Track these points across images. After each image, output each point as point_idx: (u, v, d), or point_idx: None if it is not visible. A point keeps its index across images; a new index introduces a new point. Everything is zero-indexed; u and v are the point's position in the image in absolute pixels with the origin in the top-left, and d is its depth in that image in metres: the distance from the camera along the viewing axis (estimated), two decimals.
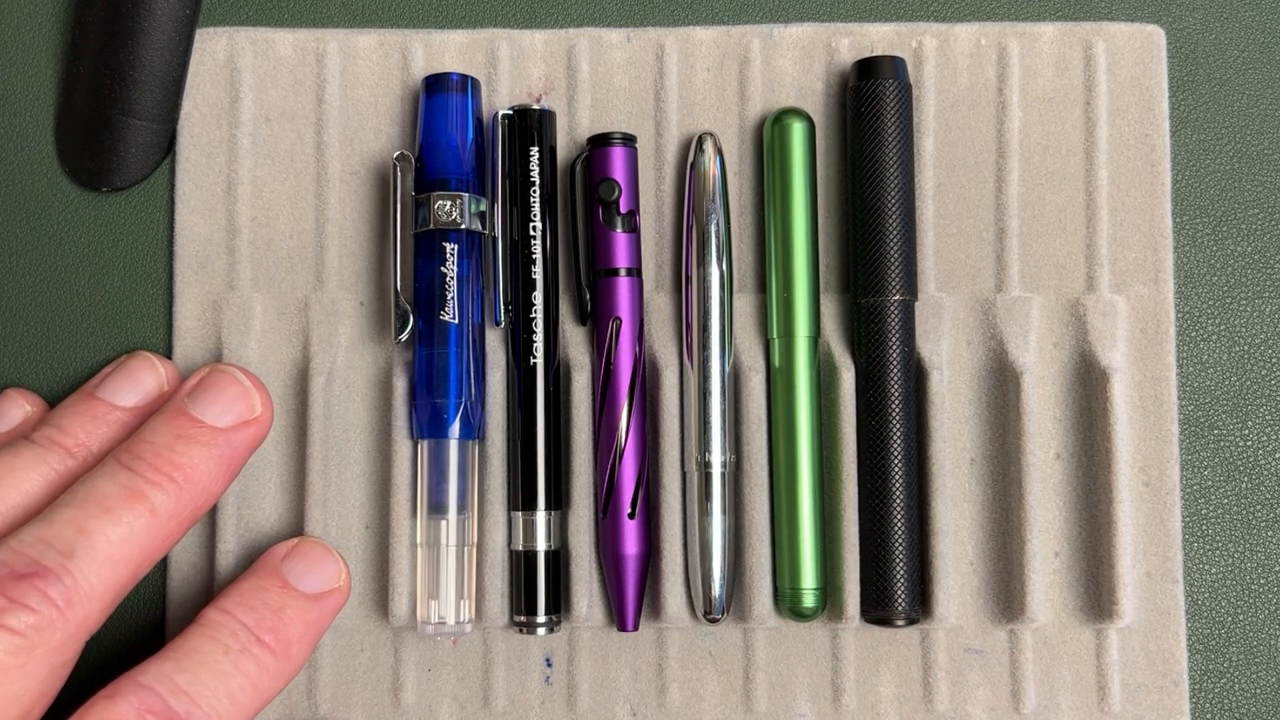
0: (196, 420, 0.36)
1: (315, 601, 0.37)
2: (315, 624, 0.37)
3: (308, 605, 0.36)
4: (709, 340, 0.40)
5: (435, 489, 0.39)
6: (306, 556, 0.38)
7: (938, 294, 0.41)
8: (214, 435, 0.36)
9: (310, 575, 0.37)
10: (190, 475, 0.35)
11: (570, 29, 0.42)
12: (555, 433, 0.39)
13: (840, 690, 0.40)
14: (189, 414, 0.36)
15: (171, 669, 0.33)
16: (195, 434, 0.36)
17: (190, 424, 0.36)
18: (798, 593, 0.39)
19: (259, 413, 0.38)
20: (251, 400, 0.37)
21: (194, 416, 0.36)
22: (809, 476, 0.39)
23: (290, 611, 0.36)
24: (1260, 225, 0.42)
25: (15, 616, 0.31)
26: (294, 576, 0.37)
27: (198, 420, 0.36)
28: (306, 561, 0.37)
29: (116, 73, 0.40)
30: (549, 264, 0.40)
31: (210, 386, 0.37)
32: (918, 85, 0.41)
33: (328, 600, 0.37)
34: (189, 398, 0.37)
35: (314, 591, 0.37)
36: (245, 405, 0.37)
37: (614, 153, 0.40)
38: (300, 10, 0.43)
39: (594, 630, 0.40)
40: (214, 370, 0.38)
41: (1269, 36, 0.43)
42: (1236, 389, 0.41)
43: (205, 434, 0.36)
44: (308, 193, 0.42)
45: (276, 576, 0.37)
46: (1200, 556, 0.41)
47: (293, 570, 0.37)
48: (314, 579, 0.37)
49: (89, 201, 0.42)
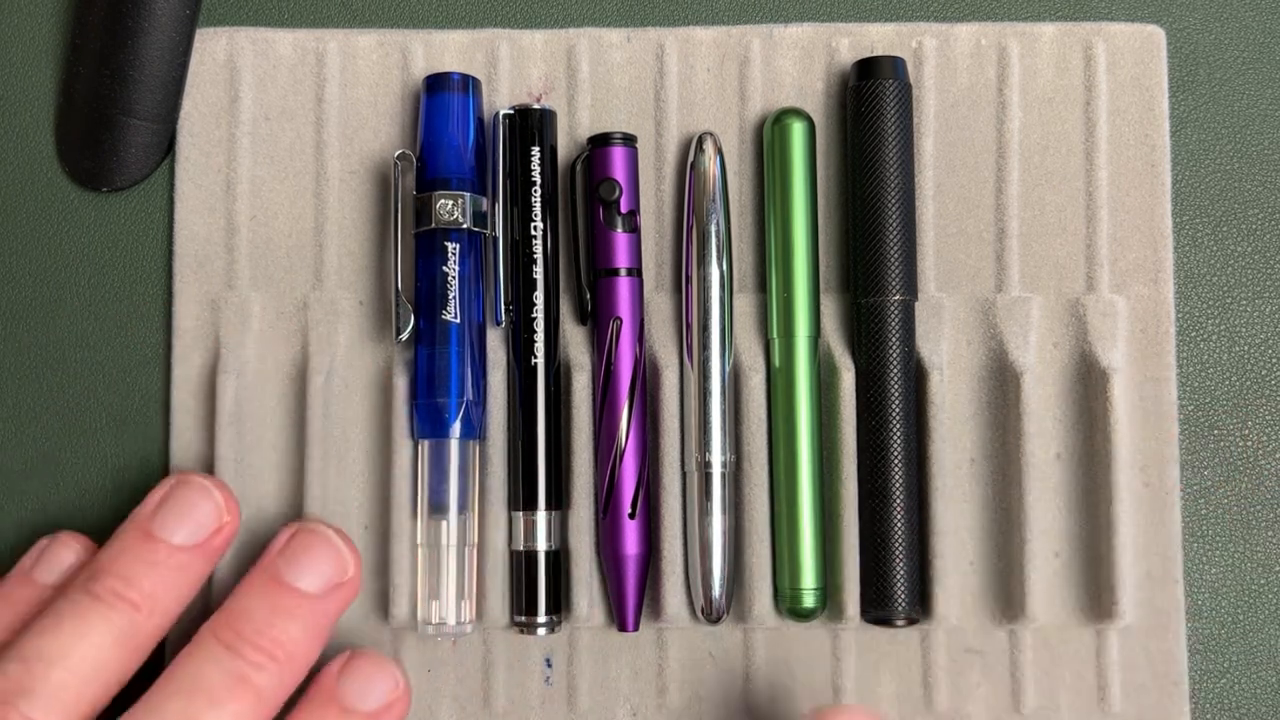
0: (293, 589, 0.35)
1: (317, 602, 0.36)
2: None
3: (310, 607, 0.36)
4: (709, 340, 0.40)
5: (436, 489, 0.39)
6: (363, 675, 0.36)
7: (938, 294, 0.41)
8: (311, 605, 0.35)
9: (369, 692, 0.36)
10: (291, 651, 0.34)
11: (570, 29, 0.42)
12: (556, 433, 0.39)
13: (840, 690, 0.40)
14: (285, 582, 0.35)
15: None
16: (293, 607, 0.35)
17: (287, 595, 0.35)
18: (798, 593, 0.39)
19: (351, 574, 0.37)
20: (344, 561, 0.37)
21: (290, 585, 0.35)
22: (809, 476, 0.39)
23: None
24: (1260, 225, 0.42)
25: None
26: (354, 697, 0.36)
27: (294, 589, 0.35)
28: (362, 679, 0.36)
29: (116, 73, 0.40)
30: (549, 264, 0.40)
31: (303, 550, 0.36)
32: (918, 85, 0.41)
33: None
34: (282, 562, 0.36)
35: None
36: (338, 567, 0.36)
37: (614, 153, 0.40)
38: (300, 10, 0.43)
39: (594, 630, 0.40)
40: (304, 530, 0.37)
41: (1269, 36, 0.43)
42: (1236, 389, 0.41)
43: (303, 606, 0.35)
44: (307, 192, 0.42)
45: (334, 703, 0.36)
46: (1200, 556, 0.41)
47: (350, 690, 0.36)
48: (373, 695, 0.36)
49: (89, 201, 0.42)
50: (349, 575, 0.37)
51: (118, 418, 0.41)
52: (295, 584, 0.35)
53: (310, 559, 0.36)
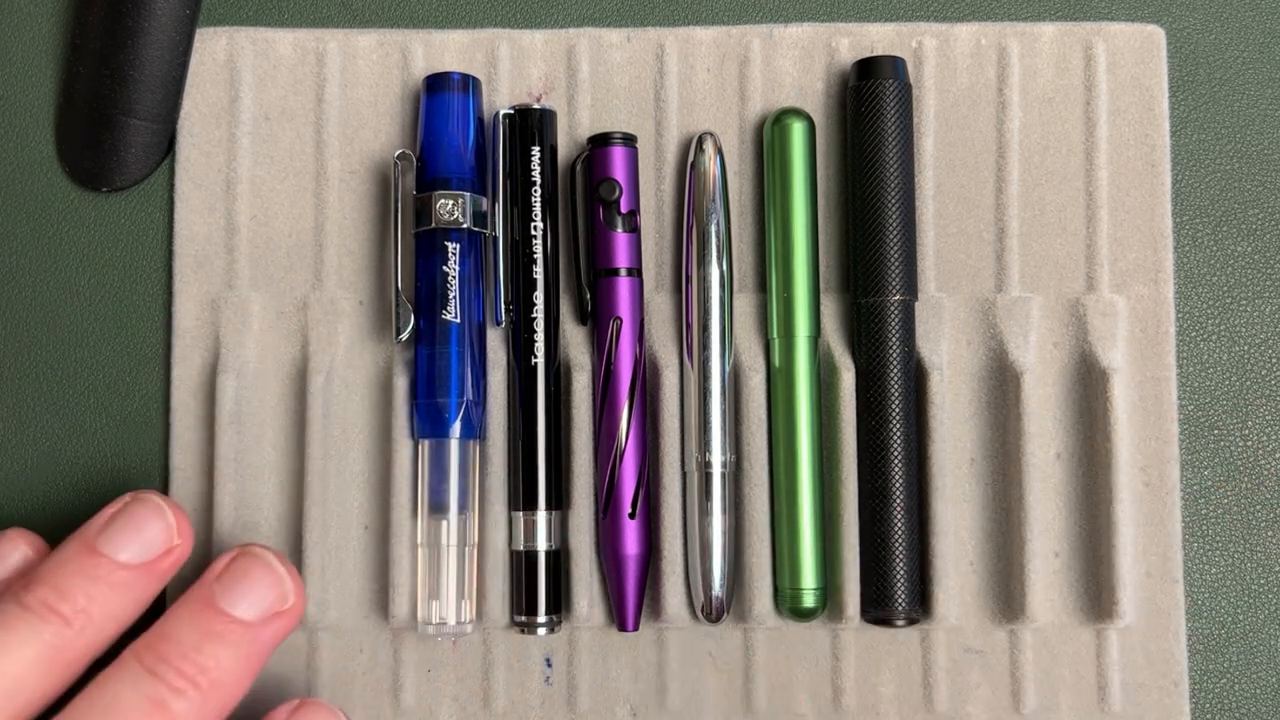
0: (225, 615, 0.34)
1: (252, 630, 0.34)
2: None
3: (243, 635, 0.34)
4: (709, 340, 0.40)
5: (436, 489, 0.39)
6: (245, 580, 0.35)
7: (938, 294, 0.41)
8: (243, 632, 0.34)
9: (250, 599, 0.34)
10: (216, 679, 0.33)
11: (570, 29, 0.42)
12: (556, 433, 0.39)
13: (840, 690, 0.40)
14: (217, 607, 0.34)
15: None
16: (224, 631, 0.33)
17: (219, 619, 0.33)
18: (798, 593, 0.39)
19: (291, 602, 0.35)
20: (284, 589, 0.35)
21: (223, 610, 0.34)
22: (809, 476, 0.39)
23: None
24: (1260, 225, 0.42)
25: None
26: (231, 601, 0.34)
27: (227, 615, 0.34)
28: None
29: (116, 73, 0.40)
30: (550, 264, 0.40)
31: (241, 575, 0.34)
32: (918, 85, 0.41)
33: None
34: (218, 586, 0.34)
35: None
36: (277, 594, 0.35)
37: (614, 153, 0.40)
38: (300, 10, 0.43)
39: (594, 630, 0.40)
40: (244, 554, 0.35)
41: (1269, 36, 0.43)
42: (1236, 389, 0.41)
43: (235, 631, 0.33)
44: (307, 192, 0.42)
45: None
46: (1200, 556, 0.41)
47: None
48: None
49: (89, 201, 0.42)
50: (289, 604, 0.35)
51: (118, 418, 0.41)
52: (230, 610, 0.34)
53: (249, 584, 0.34)
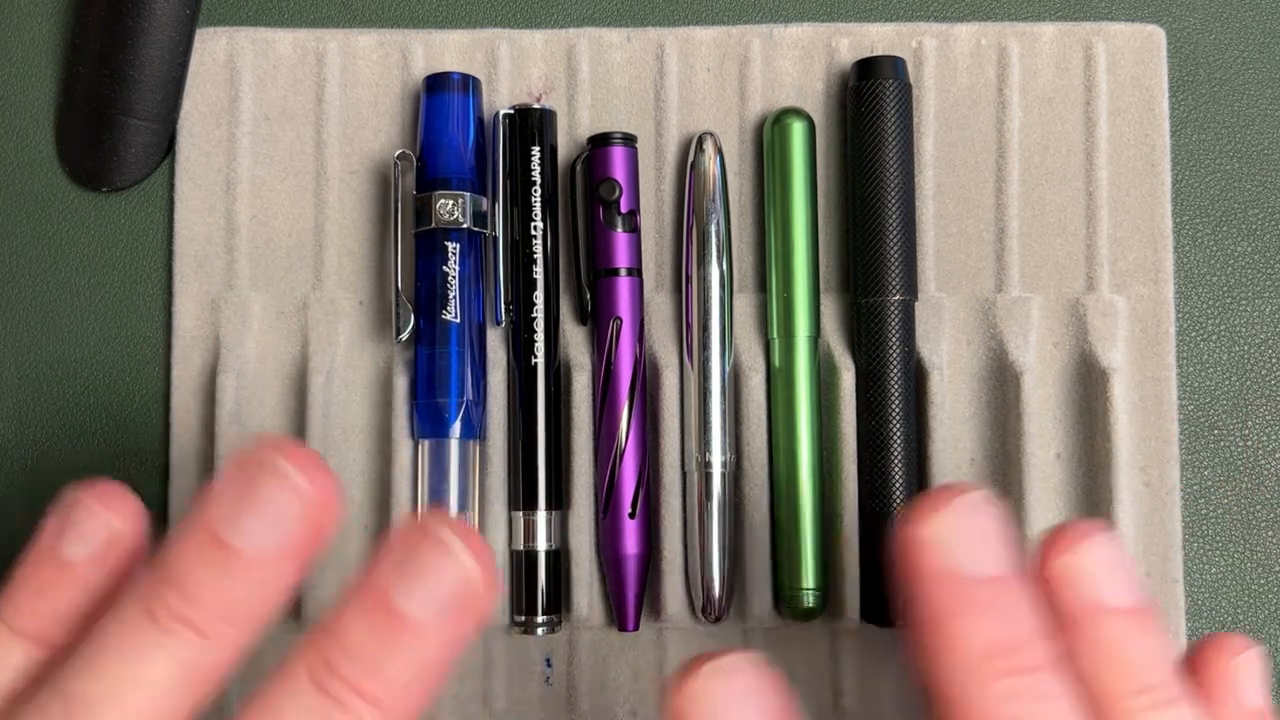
0: (405, 617, 0.26)
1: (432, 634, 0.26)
2: (434, 661, 0.26)
3: (423, 641, 0.25)
4: (709, 340, 0.40)
5: (436, 489, 0.39)
6: (416, 562, 0.26)
7: (938, 294, 0.41)
8: (428, 636, 0.26)
9: (424, 591, 0.26)
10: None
11: (570, 29, 0.42)
12: (556, 433, 0.39)
13: (840, 690, 0.40)
14: (394, 608, 0.26)
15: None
16: (405, 637, 0.26)
17: (398, 622, 0.26)
18: (798, 593, 0.39)
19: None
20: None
21: (401, 611, 0.26)
22: (809, 476, 0.39)
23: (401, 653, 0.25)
24: (1260, 225, 0.42)
25: None
26: (405, 598, 0.26)
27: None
28: (414, 569, 0.26)
29: (116, 73, 0.40)
30: (549, 264, 0.40)
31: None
32: (918, 85, 0.41)
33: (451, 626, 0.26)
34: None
35: (432, 619, 0.26)
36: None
37: (614, 153, 0.40)
38: (300, 10, 0.43)
39: (594, 630, 0.40)
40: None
41: (1269, 36, 0.43)
42: (1236, 389, 0.41)
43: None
44: (307, 192, 0.42)
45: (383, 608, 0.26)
46: (1200, 556, 0.41)
47: (403, 590, 0.26)
48: (429, 596, 0.26)
49: (89, 201, 0.42)
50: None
51: (118, 418, 0.41)
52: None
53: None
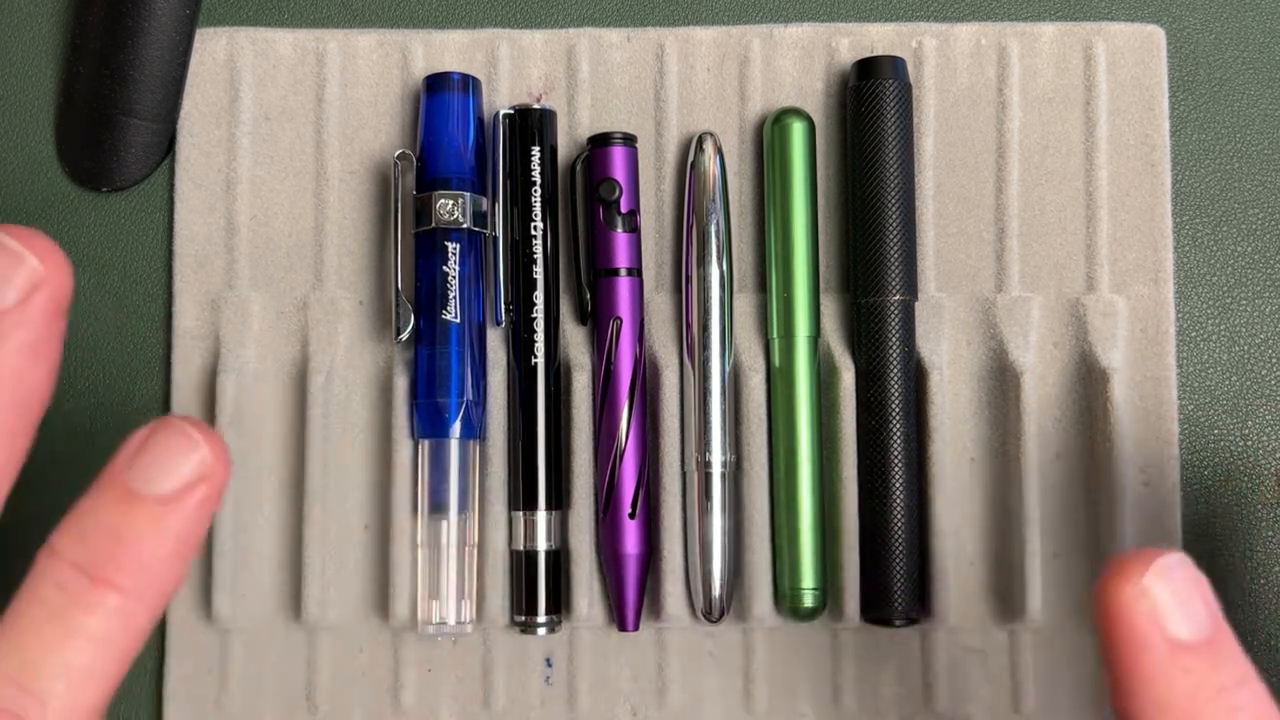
0: (140, 495, 0.28)
1: (170, 505, 0.28)
2: (176, 533, 0.28)
3: (159, 515, 0.28)
4: (709, 340, 0.40)
5: (436, 489, 0.39)
6: (153, 450, 0.28)
7: (938, 294, 0.41)
8: (165, 510, 0.28)
9: (160, 473, 0.28)
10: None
11: (570, 29, 0.42)
12: (556, 433, 0.39)
13: (840, 690, 0.40)
14: (130, 488, 0.28)
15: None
16: (143, 514, 0.28)
17: (135, 502, 0.28)
18: (798, 593, 0.39)
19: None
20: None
21: (136, 490, 0.28)
22: (809, 476, 0.39)
23: (136, 528, 0.28)
24: (1260, 225, 0.42)
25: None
26: (141, 480, 0.28)
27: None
28: (154, 456, 0.28)
29: (116, 73, 0.40)
30: (549, 264, 0.40)
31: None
32: (918, 85, 0.41)
33: (187, 500, 0.28)
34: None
35: (166, 493, 0.28)
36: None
37: (614, 153, 0.40)
38: (300, 10, 0.43)
39: (594, 630, 0.40)
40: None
41: (1269, 36, 0.43)
42: (1236, 389, 0.41)
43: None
44: (307, 192, 0.42)
45: (116, 487, 0.28)
46: (1200, 556, 0.41)
47: (138, 473, 0.28)
48: (166, 477, 0.28)
49: (89, 201, 0.42)
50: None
51: (118, 418, 0.41)
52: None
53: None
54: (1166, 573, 0.28)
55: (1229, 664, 0.28)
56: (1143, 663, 0.28)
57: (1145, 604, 0.28)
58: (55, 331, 0.29)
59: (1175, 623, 0.28)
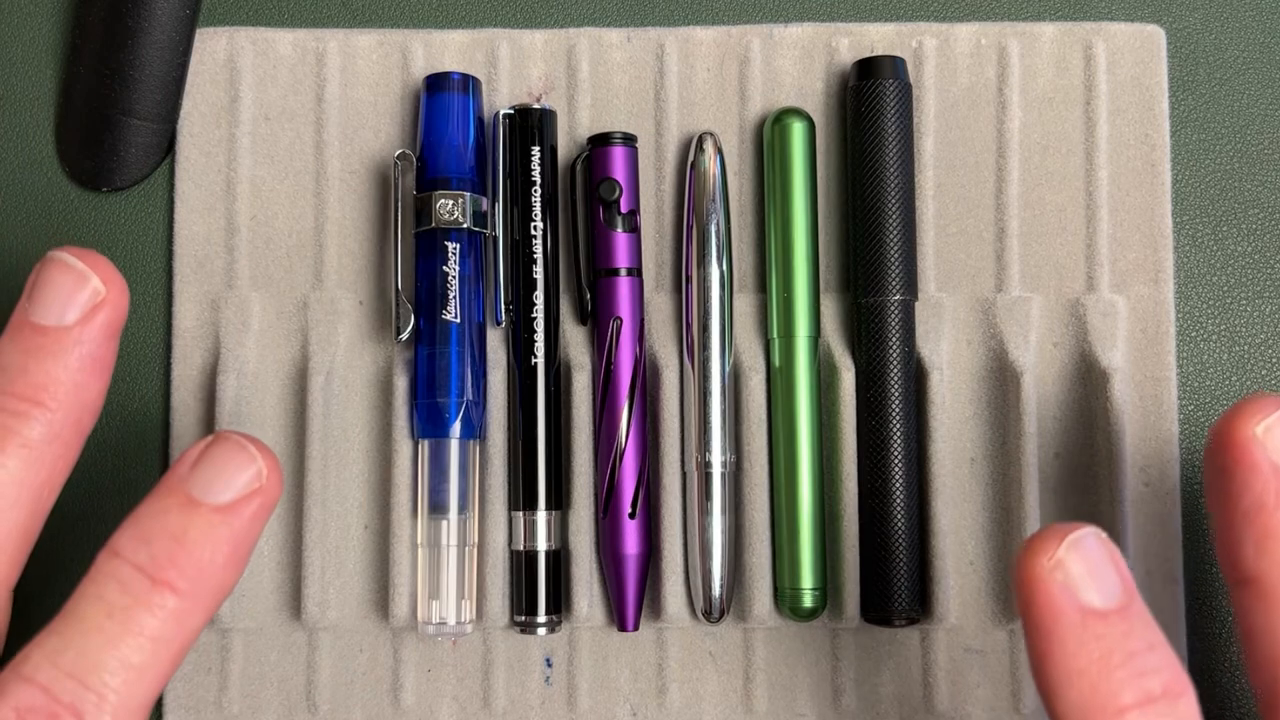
0: (199, 503, 0.31)
1: (227, 514, 0.31)
2: (232, 540, 0.31)
3: (218, 522, 0.30)
4: (709, 340, 0.40)
5: (436, 489, 0.39)
6: (214, 461, 0.31)
7: (938, 294, 0.41)
8: (63, 337, 0.32)
9: (220, 483, 0.31)
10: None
11: (570, 29, 0.42)
12: (556, 432, 0.39)
13: (840, 690, 0.40)
14: (190, 496, 0.31)
15: (55, 648, 0.29)
16: (47, 345, 0.32)
17: (194, 508, 0.31)
18: (798, 593, 0.39)
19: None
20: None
21: (196, 498, 0.31)
22: (809, 476, 0.39)
23: (195, 534, 0.30)
24: (1260, 225, 0.42)
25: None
26: (202, 489, 0.31)
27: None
28: (214, 467, 0.31)
29: (116, 73, 0.40)
30: (550, 264, 0.40)
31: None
32: (918, 85, 0.41)
33: (243, 508, 0.31)
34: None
35: (226, 502, 0.31)
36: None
37: (614, 152, 0.40)
38: (300, 10, 0.43)
39: (594, 630, 0.40)
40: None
41: (1269, 36, 0.43)
42: (1236, 389, 0.41)
43: (57, 341, 0.32)
44: (307, 192, 0.42)
45: (178, 494, 0.31)
46: (1200, 556, 0.41)
47: (200, 482, 0.31)
48: (225, 487, 0.31)
49: (89, 201, 0.42)
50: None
51: (118, 418, 0.41)
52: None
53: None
54: (1079, 545, 0.30)
55: (1140, 630, 0.29)
56: (1057, 631, 0.29)
57: (1059, 575, 0.29)
58: (111, 349, 0.33)
59: (1088, 592, 0.29)
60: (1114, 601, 0.29)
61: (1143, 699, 0.29)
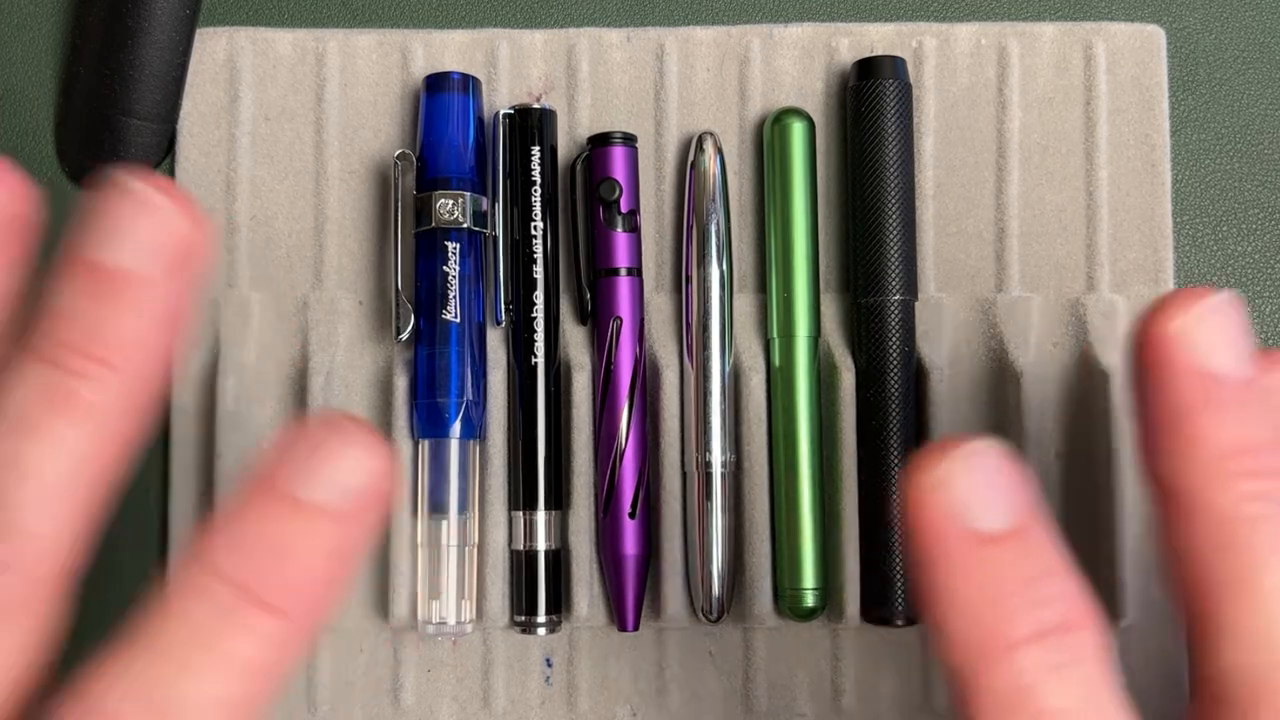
0: (304, 504, 0.25)
1: (340, 520, 0.25)
2: (343, 551, 0.25)
3: (330, 531, 0.25)
4: (709, 340, 0.40)
5: (436, 489, 0.39)
6: (327, 457, 0.25)
7: (938, 294, 0.41)
8: (142, 288, 0.26)
9: (334, 483, 0.25)
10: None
11: (570, 29, 0.42)
12: (556, 432, 0.39)
13: (840, 690, 0.40)
14: (294, 497, 0.25)
15: (130, 675, 0.24)
16: (121, 293, 0.26)
17: (298, 513, 0.25)
18: (798, 593, 0.39)
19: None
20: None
21: (301, 500, 0.25)
22: (809, 476, 0.39)
23: (303, 546, 0.24)
24: (1260, 225, 0.42)
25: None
26: (312, 491, 0.25)
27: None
28: (325, 464, 0.25)
29: (116, 73, 0.40)
30: (549, 263, 0.40)
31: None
32: (918, 85, 0.41)
33: (358, 512, 0.25)
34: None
35: (342, 507, 0.25)
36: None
37: (614, 152, 0.40)
38: (300, 10, 0.43)
39: (594, 630, 0.40)
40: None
41: (1269, 36, 0.43)
42: None
43: (133, 290, 0.26)
44: (307, 192, 0.42)
45: (281, 496, 0.25)
46: None
47: (309, 483, 0.25)
48: (340, 488, 0.25)
49: None
50: (186, 236, 0.26)
51: None
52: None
53: (128, 227, 0.26)
54: (966, 461, 0.26)
55: (1036, 555, 0.26)
56: (941, 558, 0.25)
57: (943, 495, 0.25)
58: (192, 304, 0.27)
59: (975, 514, 0.25)
60: (1006, 524, 0.25)
61: (1037, 631, 0.25)
